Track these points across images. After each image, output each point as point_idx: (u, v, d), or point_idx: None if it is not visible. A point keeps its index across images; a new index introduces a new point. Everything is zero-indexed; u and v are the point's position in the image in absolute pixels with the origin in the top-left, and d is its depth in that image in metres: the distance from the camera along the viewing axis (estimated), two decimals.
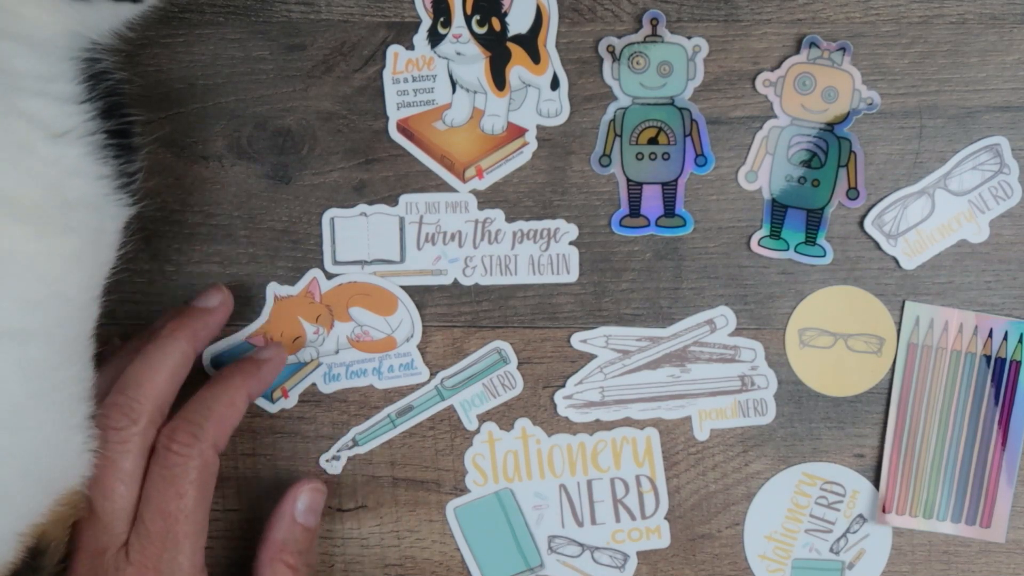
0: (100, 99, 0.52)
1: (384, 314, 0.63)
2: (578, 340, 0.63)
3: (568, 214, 0.63)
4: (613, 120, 0.63)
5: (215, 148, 0.62)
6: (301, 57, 0.62)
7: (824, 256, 0.63)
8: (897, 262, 0.63)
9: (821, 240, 0.63)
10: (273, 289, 0.63)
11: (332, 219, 0.62)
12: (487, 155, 0.63)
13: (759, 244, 0.63)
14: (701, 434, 0.63)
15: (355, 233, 0.62)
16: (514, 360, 0.63)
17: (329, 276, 0.62)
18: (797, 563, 0.64)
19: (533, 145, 0.62)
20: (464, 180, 0.62)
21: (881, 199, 0.63)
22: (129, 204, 0.54)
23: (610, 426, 0.63)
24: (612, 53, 0.62)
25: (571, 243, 0.63)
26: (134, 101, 0.55)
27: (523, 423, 0.63)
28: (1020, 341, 0.63)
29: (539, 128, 0.62)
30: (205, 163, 0.62)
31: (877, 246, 0.63)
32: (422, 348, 0.63)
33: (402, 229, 0.63)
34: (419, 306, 0.63)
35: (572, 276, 0.63)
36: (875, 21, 0.62)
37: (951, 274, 0.63)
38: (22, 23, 0.49)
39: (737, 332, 0.63)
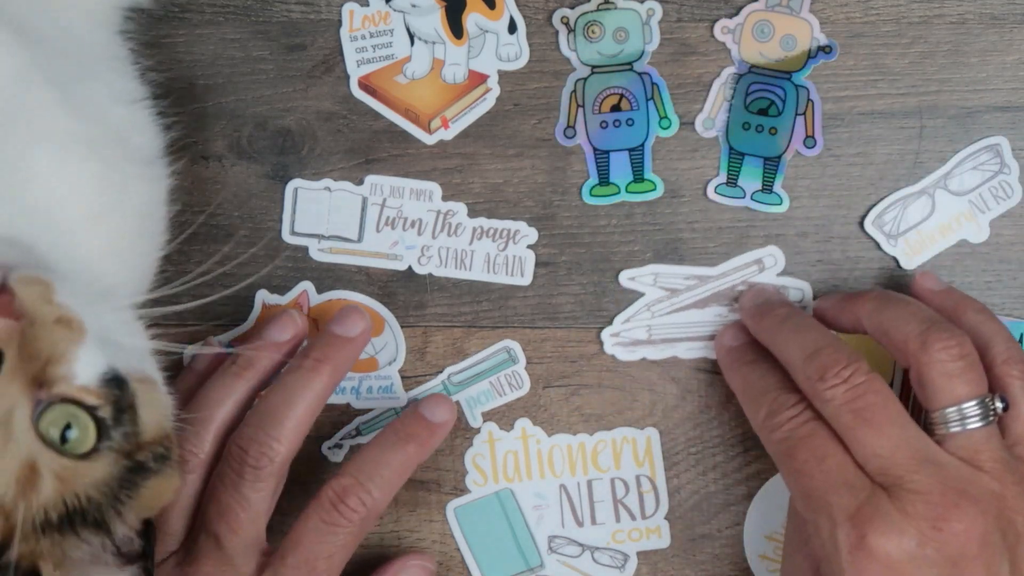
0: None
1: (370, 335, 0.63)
2: (626, 278, 0.63)
3: (568, 214, 0.63)
4: (574, 91, 0.63)
5: (215, 148, 0.62)
6: (301, 57, 0.62)
7: (781, 204, 0.63)
8: (897, 262, 0.63)
9: (777, 187, 0.63)
10: (262, 296, 0.62)
11: (295, 189, 0.62)
12: (451, 104, 0.63)
13: (715, 191, 0.63)
14: None
15: (316, 206, 0.62)
16: (523, 360, 0.63)
17: (291, 247, 0.62)
18: None
19: (496, 91, 0.62)
20: (430, 132, 0.62)
21: (881, 199, 0.63)
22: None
23: (657, 366, 0.63)
24: (567, 24, 0.62)
25: (528, 247, 0.63)
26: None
27: (523, 423, 0.63)
28: (1020, 341, 0.63)
29: (500, 75, 0.62)
30: (205, 163, 0.62)
31: (877, 246, 0.63)
32: (422, 348, 0.63)
33: (363, 209, 0.63)
34: (419, 306, 0.63)
35: (526, 279, 0.63)
36: (875, 21, 0.62)
37: (951, 274, 0.63)
38: None
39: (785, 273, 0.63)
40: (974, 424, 0.53)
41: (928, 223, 0.63)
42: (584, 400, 0.63)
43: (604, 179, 0.63)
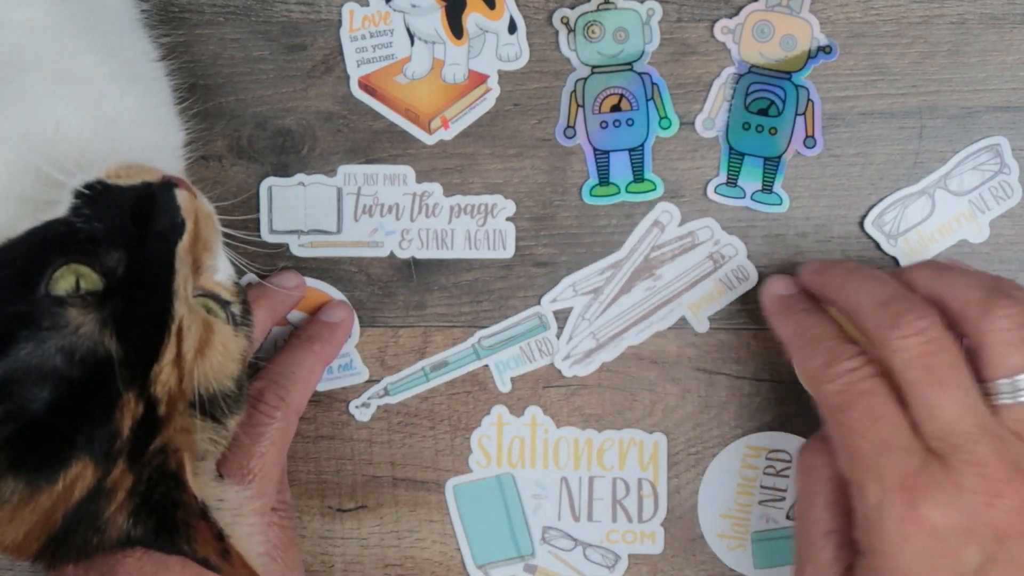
0: None
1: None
2: (548, 302, 0.63)
3: (568, 214, 0.63)
4: (574, 91, 0.63)
5: (215, 148, 0.62)
6: (301, 57, 0.62)
7: (780, 204, 0.63)
8: (897, 262, 0.63)
9: (777, 187, 0.63)
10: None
11: (270, 188, 0.63)
12: (451, 104, 0.63)
13: (715, 191, 0.63)
14: (700, 326, 0.63)
15: (292, 203, 0.63)
16: (554, 327, 0.63)
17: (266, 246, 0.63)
18: (756, 535, 0.64)
19: (496, 91, 0.63)
20: (430, 132, 0.63)
21: (881, 199, 0.63)
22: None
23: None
24: (567, 24, 0.62)
25: (507, 219, 0.63)
26: None
27: (533, 411, 0.64)
28: None
29: (501, 75, 0.62)
30: (205, 163, 0.62)
31: (877, 246, 0.63)
32: (422, 348, 0.63)
33: (339, 200, 0.63)
34: (419, 306, 0.63)
35: (508, 252, 0.63)
36: (875, 21, 0.62)
37: None
38: None
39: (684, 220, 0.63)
40: None
41: (928, 223, 0.63)
42: (584, 400, 0.64)
43: (604, 179, 0.63)
